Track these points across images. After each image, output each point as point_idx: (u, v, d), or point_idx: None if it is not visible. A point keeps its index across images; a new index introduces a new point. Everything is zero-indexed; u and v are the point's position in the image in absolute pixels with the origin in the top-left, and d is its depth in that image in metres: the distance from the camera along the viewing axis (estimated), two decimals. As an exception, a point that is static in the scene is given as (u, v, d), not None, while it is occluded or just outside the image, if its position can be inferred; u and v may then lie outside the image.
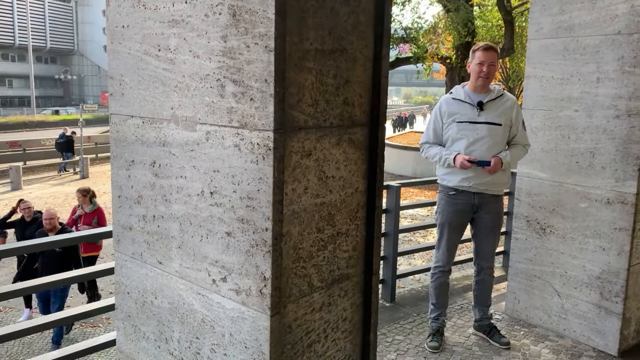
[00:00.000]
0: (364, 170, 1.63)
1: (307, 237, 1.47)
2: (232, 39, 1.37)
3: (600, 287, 3.43)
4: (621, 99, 3.25)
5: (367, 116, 1.61)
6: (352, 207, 1.61)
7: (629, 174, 3.25)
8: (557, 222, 3.62)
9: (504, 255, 5.06)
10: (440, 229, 3.42)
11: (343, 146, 1.54)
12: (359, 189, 1.63)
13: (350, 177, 1.58)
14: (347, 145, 1.56)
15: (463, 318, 3.88)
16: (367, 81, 1.59)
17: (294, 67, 1.36)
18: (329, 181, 1.52)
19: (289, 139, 1.37)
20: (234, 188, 1.42)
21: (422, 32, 17.76)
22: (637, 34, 3.15)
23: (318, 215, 1.50)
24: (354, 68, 1.54)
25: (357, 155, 1.60)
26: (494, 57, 3.20)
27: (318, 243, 1.51)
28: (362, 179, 1.63)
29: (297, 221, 1.44)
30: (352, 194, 1.60)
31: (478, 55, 3.22)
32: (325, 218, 1.53)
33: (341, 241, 1.59)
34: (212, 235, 1.50)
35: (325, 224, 1.53)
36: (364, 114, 1.60)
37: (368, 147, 1.63)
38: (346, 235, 1.61)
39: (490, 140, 3.21)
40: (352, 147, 1.58)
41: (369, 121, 1.62)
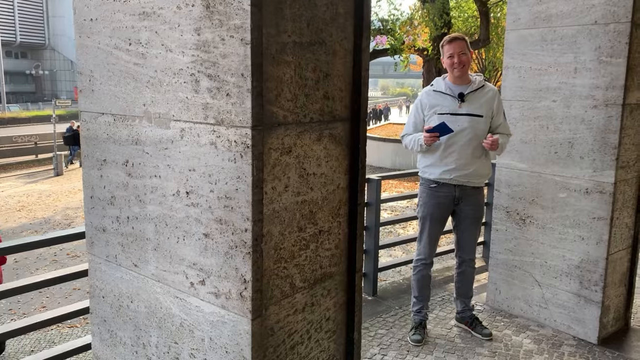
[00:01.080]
0: (345, 166, 1.59)
1: (289, 237, 1.43)
2: (206, 31, 1.31)
3: (579, 276, 3.46)
4: (598, 89, 3.26)
5: (348, 110, 1.57)
6: (334, 204, 1.57)
7: (606, 164, 3.27)
8: (536, 212, 3.63)
9: (484, 246, 5.08)
10: (421, 222, 3.40)
11: (324, 142, 1.50)
12: (341, 185, 1.58)
13: (331, 173, 1.54)
14: (328, 141, 1.51)
15: (445, 310, 3.89)
16: (348, 74, 1.54)
17: (271, 61, 1.30)
18: (310, 178, 1.47)
19: (268, 135, 1.32)
20: (211, 187, 1.36)
21: (398, 23, 17.77)
22: (613, 23, 3.16)
23: (299, 214, 1.45)
24: (333, 61, 1.49)
25: (339, 151, 1.55)
26: (462, 46, 3.18)
27: (300, 242, 1.47)
28: (343, 175, 1.59)
29: (278, 220, 1.39)
30: (333, 190, 1.56)
31: (446, 49, 3.20)
32: (307, 216, 1.48)
33: (323, 239, 1.55)
34: (189, 237, 1.45)
35: (307, 222, 1.48)
36: (344, 108, 1.55)
37: (349, 142, 1.59)
38: (328, 233, 1.56)
39: (472, 132, 3.20)
40: (333, 143, 1.53)
41: (350, 116, 1.57)
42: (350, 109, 1.57)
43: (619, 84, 3.18)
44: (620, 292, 3.56)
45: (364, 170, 1.63)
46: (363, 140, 1.61)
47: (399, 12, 19.25)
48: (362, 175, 1.63)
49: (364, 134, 1.61)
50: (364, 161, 1.62)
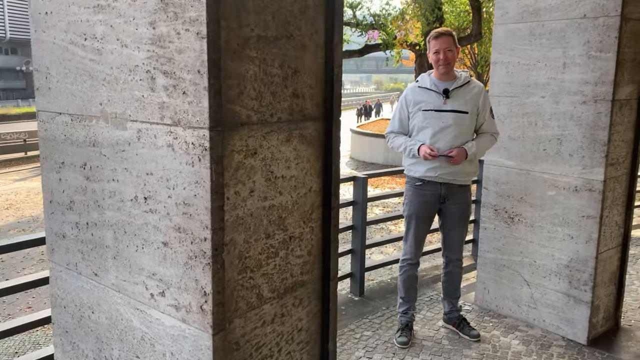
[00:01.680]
0: (318, 168, 1.50)
1: (255, 245, 1.34)
2: (161, 25, 1.22)
3: (569, 276, 3.39)
4: (587, 85, 3.19)
5: (320, 109, 1.47)
6: (305, 208, 1.48)
7: (596, 161, 3.20)
8: (525, 210, 3.56)
9: (473, 243, 5.01)
10: (407, 221, 3.32)
11: (294, 143, 1.40)
12: (313, 188, 1.49)
13: (302, 176, 1.45)
14: (299, 142, 1.42)
15: (432, 310, 3.82)
16: (319, 71, 1.45)
17: (232, 56, 1.21)
18: (279, 182, 1.38)
19: (229, 137, 1.22)
20: (168, 193, 1.27)
21: (390, 18, 17.68)
22: (602, 17, 3.09)
23: (267, 220, 1.36)
24: (303, 56, 1.39)
25: (310, 152, 1.46)
26: (448, 42, 3.09)
27: (268, 250, 1.38)
28: (316, 177, 1.50)
29: (243, 228, 1.30)
30: (305, 194, 1.47)
31: (432, 44, 3.12)
32: (276, 222, 1.39)
33: (294, 246, 1.46)
34: (147, 245, 1.35)
35: (275, 228, 1.39)
36: (316, 106, 1.46)
37: (322, 142, 1.49)
38: (300, 240, 1.47)
39: (457, 129, 3.12)
40: (304, 144, 1.44)
41: (323, 114, 1.48)
42: (323, 107, 1.48)
43: (608, 80, 3.10)
44: (610, 291, 3.50)
45: (337, 172, 1.54)
46: (337, 141, 1.52)
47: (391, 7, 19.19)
48: (336, 177, 1.54)
49: (338, 133, 1.52)
50: (337, 162, 1.53)
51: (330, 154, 1.50)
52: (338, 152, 1.53)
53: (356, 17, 18.27)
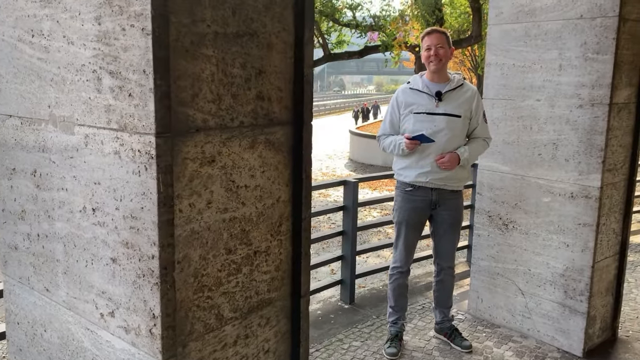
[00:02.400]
0: (287, 176, 1.38)
1: (213, 261, 1.22)
2: (106, 20, 1.10)
3: (564, 285, 3.27)
4: (584, 88, 3.07)
5: (290, 113, 1.36)
6: (273, 220, 1.36)
7: (592, 167, 3.09)
8: (519, 217, 3.45)
9: (468, 249, 4.90)
10: (397, 228, 3.21)
11: (259, 149, 1.29)
12: (282, 198, 1.38)
13: (269, 185, 1.34)
14: (265, 148, 1.31)
15: (424, 319, 3.70)
16: (288, 71, 1.34)
17: (184, 55, 1.10)
18: (241, 192, 1.27)
19: (182, 143, 1.11)
20: (116, 205, 1.16)
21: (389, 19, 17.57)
22: (599, 18, 2.97)
23: (227, 234, 1.25)
24: (269, 56, 1.28)
25: (278, 159, 1.35)
26: (440, 40, 2.98)
27: (229, 266, 1.26)
28: (285, 186, 1.38)
29: (198, 243, 1.18)
30: (272, 205, 1.35)
31: (424, 41, 3.02)
32: (238, 236, 1.28)
33: (260, 261, 1.34)
34: (97, 261, 1.24)
35: (237, 242, 1.28)
36: (285, 110, 1.35)
37: (292, 149, 1.38)
38: (266, 254, 1.36)
39: (449, 133, 3.01)
40: (271, 150, 1.33)
41: (292, 119, 1.37)
42: (292, 111, 1.37)
43: (605, 82, 2.99)
44: (607, 301, 3.38)
45: (309, 181, 1.43)
46: (308, 147, 1.41)
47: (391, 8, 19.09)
48: (307, 186, 1.43)
49: (309, 139, 1.41)
50: (309, 170, 1.42)
51: (300, 161, 1.39)
52: (309, 159, 1.41)
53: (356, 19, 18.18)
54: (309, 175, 1.42)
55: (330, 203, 10.04)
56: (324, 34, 17.20)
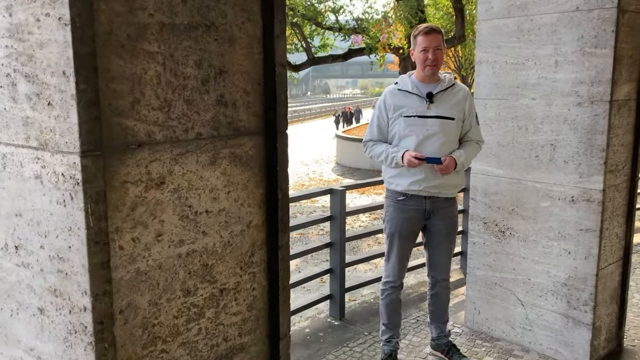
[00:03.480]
0: (259, 196, 1.15)
1: (168, 306, 0.99)
2: (18, 9, 0.87)
3: (567, 295, 3.08)
4: (582, 85, 2.88)
5: (260, 120, 1.14)
6: (242, 250, 1.13)
7: (594, 169, 2.90)
8: (517, 223, 3.25)
9: (462, 256, 4.70)
10: (389, 240, 2.99)
11: (222, 166, 1.06)
12: (253, 223, 1.15)
13: (237, 208, 1.11)
14: (230, 164, 1.08)
15: (419, 334, 3.48)
16: (256, 71, 1.11)
17: (120, 52, 0.87)
18: (201, 219, 1.04)
19: (119, 163, 0.88)
20: (40, 242, 0.92)
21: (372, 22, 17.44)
22: (597, 9, 2.79)
23: (185, 271, 1.02)
24: (231, 52, 1.06)
25: (247, 177, 1.12)
26: (438, 41, 2.77)
27: (188, 311, 1.03)
28: (257, 208, 1.15)
29: (147, 286, 0.95)
30: (241, 232, 1.12)
31: (420, 41, 2.78)
32: (198, 273, 1.04)
33: (228, 301, 1.11)
34: (22, 310, 1.00)
35: (198, 281, 1.05)
36: (253, 117, 1.12)
37: (264, 163, 1.15)
38: (235, 292, 1.13)
39: (443, 137, 2.80)
40: (238, 166, 1.10)
41: (263, 127, 1.14)
42: (263, 118, 1.14)
43: (605, 78, 2.80)
44: (612, 310, 3.19)
45: (286, 200, 1.20)
46: (283, 160, 1.18)
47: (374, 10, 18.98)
48: (284, 206, 1.20)
49: (284, 151, 1.18)
50: (285, 188, 1.19)
51: (275, 177, 1.16)
52: (286, 175, 1.19)
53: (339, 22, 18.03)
54: (285, 194, 1.19)
55: (317, 209, 9.81)
56: (307, 38, 17.02)
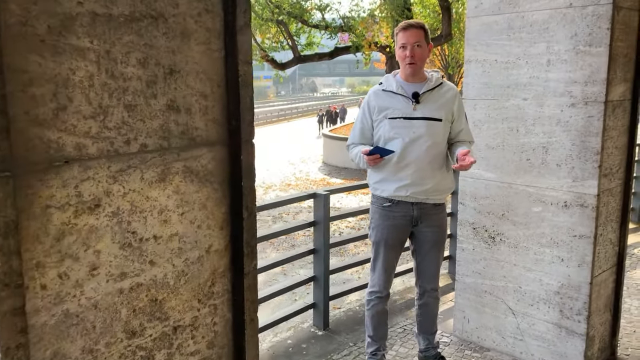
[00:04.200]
0: (221, 216, 1.00)
1: (106, 353, 0.83)
2: None
3: (559, 304, 2.95)
4: (576, 84, 2.76)
5: (221, 129, 0.98)
6: (200, 279, 0.97)
7: (588, 172, 2.77)
8: (507, 229, 3.12)
9: (450, 260, 4.57)
10: (374, 248, 2.84)
11: (174, 182, 0.90)
12: (214, 247, 0.99)
13: (193, 232, 0.95)
14: (184, 180, 0.92)
15: (407, 345, 3.34)
16: (216, 70, 0.95)
17: (39, 47, 0.70)
18: (148, 246, 0.87)
19: (39, 184, 0.71)
20: (-58, 281, 0.75)
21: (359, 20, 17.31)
22: (591, 6, 2.66)
23: (128, 309, 0.85)
24: (184, 48, 0.89)
25: (206, 194, 0.96)
26: (418, 36, 2.62)
27: (133, 355, 0.87)
28: (218, 230, 1.00)
29: (79, 330, 0.79)
30: (199, 259, 0.96)
31: (399, 38, 2.64)
32: (145, 310, 0.88)
33: (183, 340, 0.95)
34: None
35: (145, 319, 0.88)
36: (213, 124, 0.96)
37: (227, 178, 0.99)
38: (193, 328, 0.97)
39: (430, 139, 2.65)
40: (194, 182, 0.94)
41: (225, 136, 0.98)
42: (225, 125, 0.98)
43: (599, 78, 2.68)
44: (606, 318, 3.07)
45: (253, 221, 1.04)
46: (249, 173, 1.02)
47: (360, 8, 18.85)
48: (251, 227, 1.04)
49: (250, 162, 1.02)
50: (252, 205, 1.03)
51: (239, 193, 1.00)
52: (252, 191, 1.03)
53: (325, 20, 17.89)
54: (252, 213, 1.03)
55: (304, 210, 9.66)
56: (293, 36, 16.86)
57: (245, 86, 0.98)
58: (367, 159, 2.60)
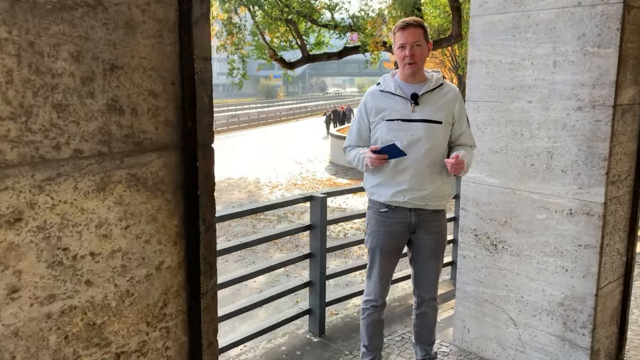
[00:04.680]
0: (174, 229, 0.89)
1: (29, 386, 0.73)
2: None
3: (563, 316, 2.83)
4: (583, 87, 2.63)
5: (174, 131, 0.87)
6: (150, 300, 0.87)
7: (594, 179, 2.64)
8: (510, 236, 2.99)
9: (452, 266, 4.45)
10: (370, 255, 2.73)
11: (116, 192, 0.80)
12: (165, 264, 0.89)
13: (139, 247, 0.85)
14: (128, 189, 0.82)
15: (404, 354, 3.23)
16: (168, 67, 0.85)
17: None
18: (83, 265, 0.77)
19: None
20: None
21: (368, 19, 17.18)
22: (601, 5, 2.53)
23: (59, 336, 0.76)
24: (129, 41, 0.79)
25: (156, 205, 0.86)
26: (417, 35, 2.50)
27: (63, 387, 0.77)
28: (171, 245, 0.89)
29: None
30: (147, 277, 0.86)
31: (397, 37, 2.53)
32: (81, 335, 0.78)
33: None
34: None
35: (81, 346, 0.78)
36: (165, 127, 0.86)
37: (181, 186, 0.89)
38: (140, 354, 0.87)
39: (429, 142, 2.54)
40: (142, 192, 0.84)
41: (179, 140, 0.88)
42: (179, 128, 0.88)
43: (608, 81, 2.55)
44: (612, 331, 2.94)
45: (212, 235, 0.94)
46: (207, 182, 0.92)
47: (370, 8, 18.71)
48: (209, 242, 0.94)
49: (209, 169, 0.92)
50: (210, 218, 0.93)
51: (195, 204, 0.90)
52: (211, 200, 0.93)
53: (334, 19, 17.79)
54: (210, 226, 0.93)
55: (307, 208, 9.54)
56: (302, 35, 16.79)
57: (202, 84, 0.88)
58: (373, 158, 2.47)
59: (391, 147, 2.44)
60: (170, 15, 0.84)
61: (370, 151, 2.48)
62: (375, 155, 2.46)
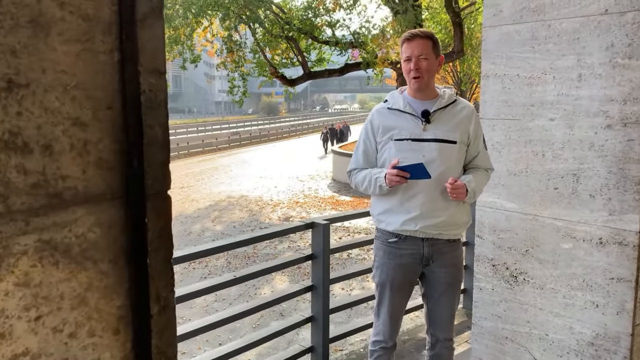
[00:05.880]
0: (114, 313, 0.63)
1: None
2: None
3: (594, 357, 2.53)
4: (613, 103, 2.37)
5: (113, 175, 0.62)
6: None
7: (627, 205, 2.37)
8: (532, 267, 2.71)
9: (464, 294, 4.15)
10: (379, 290, 2.45)
11: (19, 269, 0.55)
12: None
13: (60, 344, 0.59)
14: (39, 264, 0.57)
15: (416, 397, 2.93)
16: (104, 84, 0.60)
17: None
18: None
19: None
20: None
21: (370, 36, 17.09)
22: (631, 12, 2.29)
23: None
24: (40, 47, 0.54)
25: (85, 282, 0.61)
26: (423, 48, 2.25)
27: None
28: (110, 336, 0.64)
29: None
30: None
31: (404, 49, 2.29)
32: None
33: None
34: None
35: None
36: (98, 169, 0.60)
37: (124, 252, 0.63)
38: None
39: (442, 164, 2.28)
40: (62, 265, 0.59)
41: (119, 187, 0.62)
42: (120, 170, 0.62)
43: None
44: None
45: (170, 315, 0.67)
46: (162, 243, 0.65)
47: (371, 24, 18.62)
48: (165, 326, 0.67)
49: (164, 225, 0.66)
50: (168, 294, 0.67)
51: (145, 277, 0.63)
52: (168, 270, 0.66)
53: (335, 36, 17.71)
54: (167, 305, 0.66)
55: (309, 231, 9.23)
56: (303, 52, 16.70)
57: (152, 108, 0.62)
58: (393, 174, 2.19)
59: (416, 167, 2.17)
60: (104, 12, 0.59)
61: (391, 167, 2.20)
62: (396, 171, 2.18)
